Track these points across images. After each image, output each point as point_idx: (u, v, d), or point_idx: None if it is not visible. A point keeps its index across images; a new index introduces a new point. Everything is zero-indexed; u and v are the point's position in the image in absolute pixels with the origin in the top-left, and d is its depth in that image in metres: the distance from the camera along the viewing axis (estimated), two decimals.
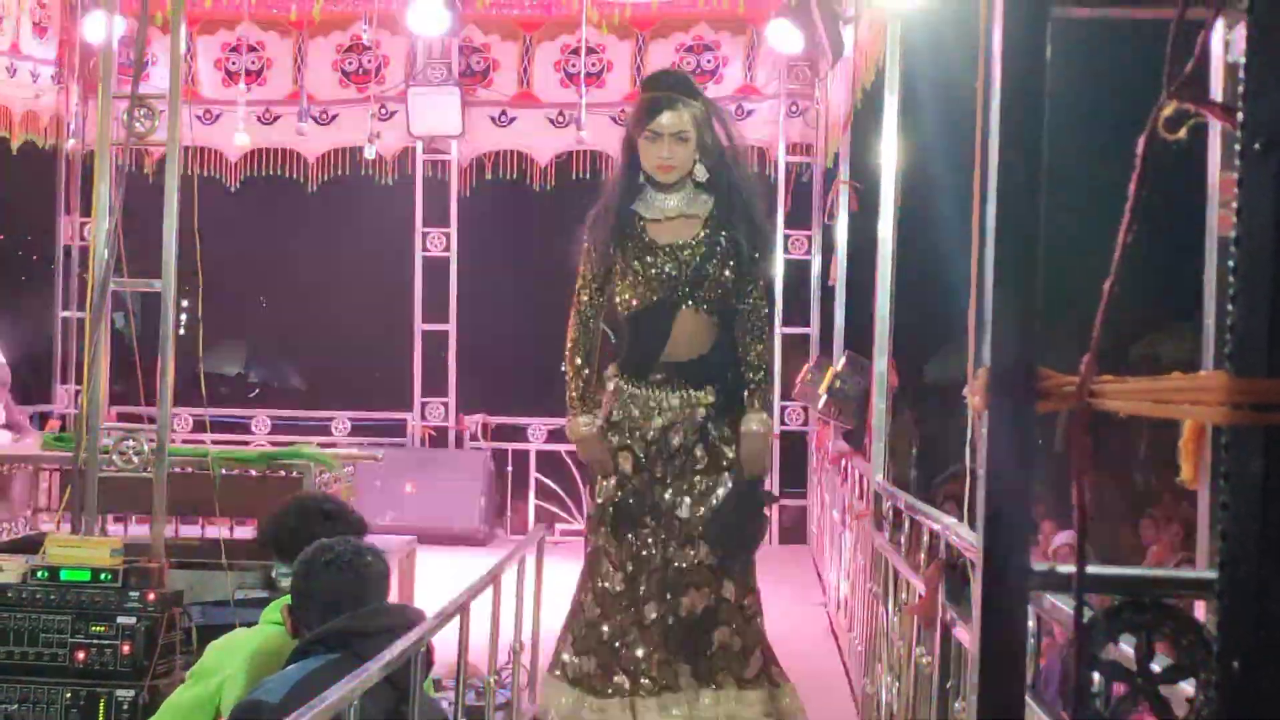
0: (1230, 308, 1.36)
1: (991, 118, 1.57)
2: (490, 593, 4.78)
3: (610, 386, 5.52)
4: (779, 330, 11.33)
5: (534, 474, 11.69)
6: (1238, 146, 1.37)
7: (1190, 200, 2.01)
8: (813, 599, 9.15)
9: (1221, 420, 1.37)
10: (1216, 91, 1.61)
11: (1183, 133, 1.46)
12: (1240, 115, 1.38)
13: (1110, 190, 1.63)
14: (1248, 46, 1.37)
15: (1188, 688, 1.52)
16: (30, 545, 5.99)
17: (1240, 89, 1.40)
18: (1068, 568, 1.52)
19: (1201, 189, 2.05)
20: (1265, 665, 1.34)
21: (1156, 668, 1.53)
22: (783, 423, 11.55)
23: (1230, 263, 1.36)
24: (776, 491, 11.68)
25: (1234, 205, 1.38)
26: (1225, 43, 1.59)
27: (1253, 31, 1.36)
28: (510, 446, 11.72)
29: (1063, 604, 1.67)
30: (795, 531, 11.64)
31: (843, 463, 8.28)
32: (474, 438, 11.98)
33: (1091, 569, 1.50)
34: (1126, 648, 1.56)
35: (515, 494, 11.75)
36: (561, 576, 5.91)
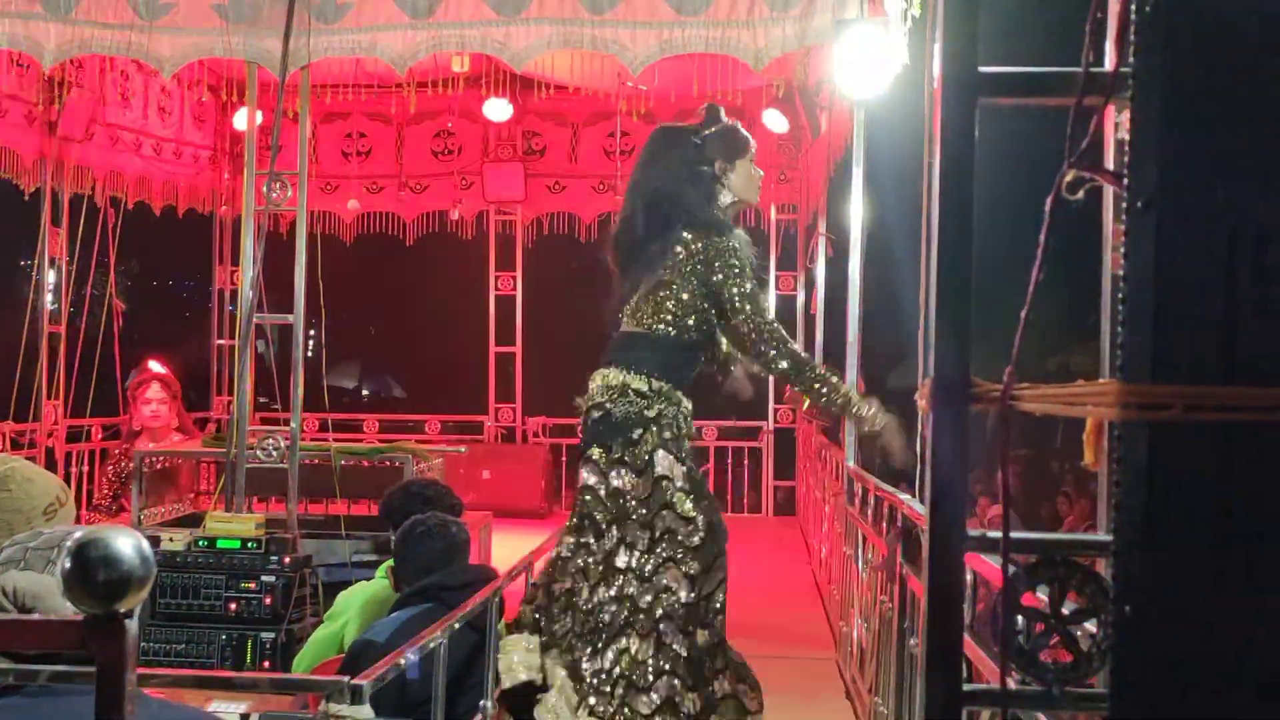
0: (1120, 330, 1.35)
1: (934, 184, 1.56)
2: (549, 555, 4.77)
3: None
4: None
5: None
6: (1125, 205, 1.37)
7: (1096, 243, 2.01)
8: (801, 560, 9.13)
9: (1115, 417, 1.36)
10: (1109, 161, 1.61)
11: (1081, 194, 1.45)
12: (1126, 180, 1.38)
13: (1029, 238, 1.63)
14: (1131, 126, 1.36)
15: (1091, 626, 1.51)
16: (194, 521, 6.02)
17: (1126, 159, 1.39)
18: (996, 534, 1.51)
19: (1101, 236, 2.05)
20: (1150, 607, 1.33)
21: (1066, 611, 1.52)
22: (776, 421, 11.55)
23: (1120, 295, 1.36)
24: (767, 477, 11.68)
25: (1123, 250, 1.38)
26: (1115, 123, 1.58)
27: (1134, 115, 1.36)
28: (564, 441, 11.72)
29: (993, 562, 1.67)
30: (787, 507, 11.61)
31: (822, 452, 8.26)
32: (535, 435, 11.98)
33: (1015, 534, 1.49)
34: (1043, 595, 1.55)
35: (568, 478, 11.74)
36: None
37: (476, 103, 10.43)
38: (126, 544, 1.21)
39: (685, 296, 4.20)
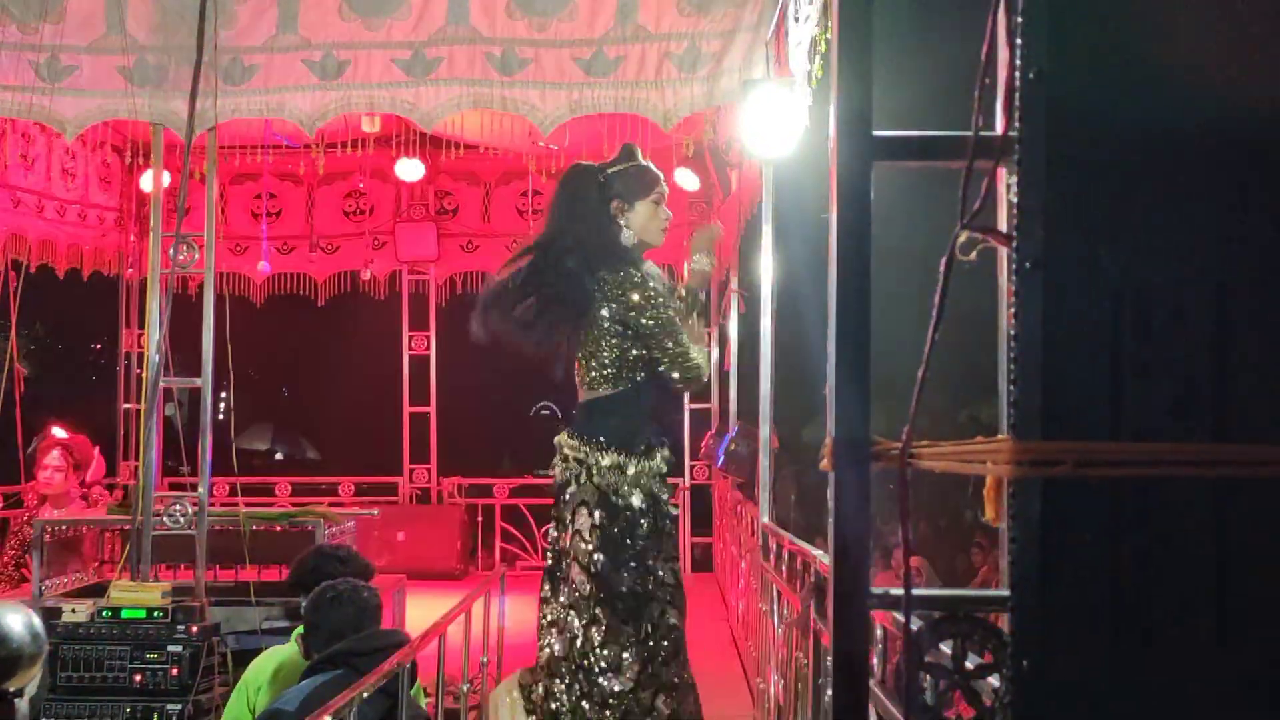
0: (1011, 388, 1.38)
1: (831, 245, 1.59)
2: (463, 618, 4.73)
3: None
4: (687, 406, 11.37)
5: (499, 523, 11.61)
6: (1014, 265, 1.40)
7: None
8: (719, 616, 9.11)
9: (1009, 474, 1.38)
10: (1002, 223, 1.64)
11: (974, 255, 1.48)
12: (1015, 241, 1.41)
13: (929, 297, 1.65)
14: (1018, 190, 1.40)
15: (994, 681, 1.52)
16: (98, 591, 5.88)
17: (1015, 221, 1.43)
18: (898, 591, 1.52)
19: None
20: (1048, 662, 1.35)
21: (970, 666, 1.53)
22: (691, 478, 11.55)
23: (1010, 353, 1.38)
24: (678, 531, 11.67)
25: (1013, 309, 1.41)
26: (1007, 185, 1.61)
27: (1021, 178, 1.39)
28: (480, 501, 11.64)
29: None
30: (704, 563, 11.60)
31: (738, 508, 8.27)
32: (451, 495, 11.88)
33: (916, 591, 1.51)
34: (947, 650, 1.57)
35: (484, 539, 11.65)
36: (520, 604, 5.85)
37: (388, 163, 10.42)
38: (16, 621, 1.19)
39: (606, 351, 4.31)
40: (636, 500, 4.33)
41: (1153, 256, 1.34)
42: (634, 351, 4.32)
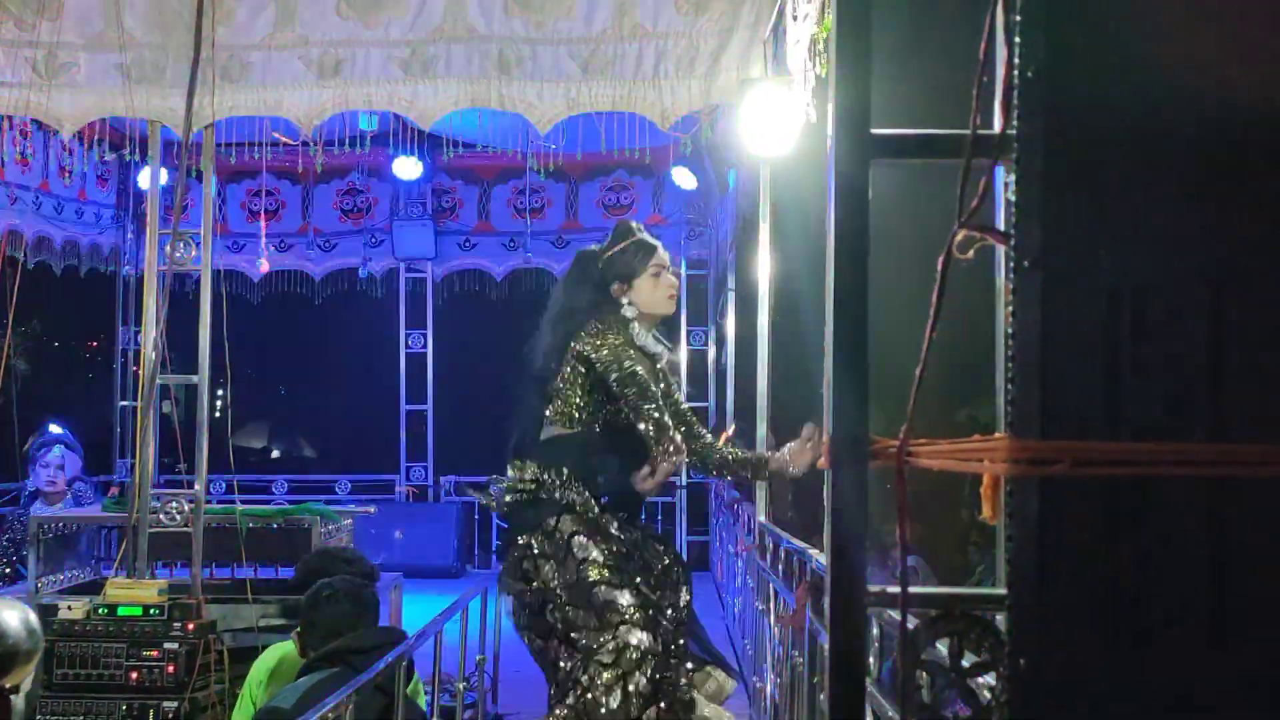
0: (1009, 386, 1.38)
1: (830, 244, 1.58)
2: (460, 616, 4.73)
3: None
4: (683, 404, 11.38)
5: (495, 521, 11.60)
6: (1011, 264, 1.40)
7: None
8: (715, 615, 9.11)
9: (1006, 473, 1.38)
10: (1000, 221, 1.64)
11: (971, 253, 1.48)
12: (1012, 240, 1.41)
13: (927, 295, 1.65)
14: (1015, 188, 1.40)
15: (990, 679, 1.52)
16: (94, 588, 5.88)
17: (1013, 220, 1.43)
18: (895, 589, 1.52)
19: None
20: (1044, 660, 1.35)
21: (966, 664, 1.53)
22: (688, 476, 11.54)
23: (1008, 352, 1.38)
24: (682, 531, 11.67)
25: (1010, 308, 1.41)
26: (1005, 184, 1.61)
27: (1019, 177, 1.39)
28: (477, 499, 11.64)
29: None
30: (701, 561, 11.60)
31: (735, 507, 8.28)
32: (448, 493, 11.88)
33: (913, 589, 1.51)
34: (943, 649, 1.57)
35: (481, 537, 11.65)
36: None
37: (386, 160, 10.42)
38: (12, 617, 1.18)
39: (577, 398, 4.34)
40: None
41: (1150, 255, 1.34)
42: (598, 396, 4.32)
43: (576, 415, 4.35)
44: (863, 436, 1.52)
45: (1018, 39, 1.40)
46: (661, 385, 4.45)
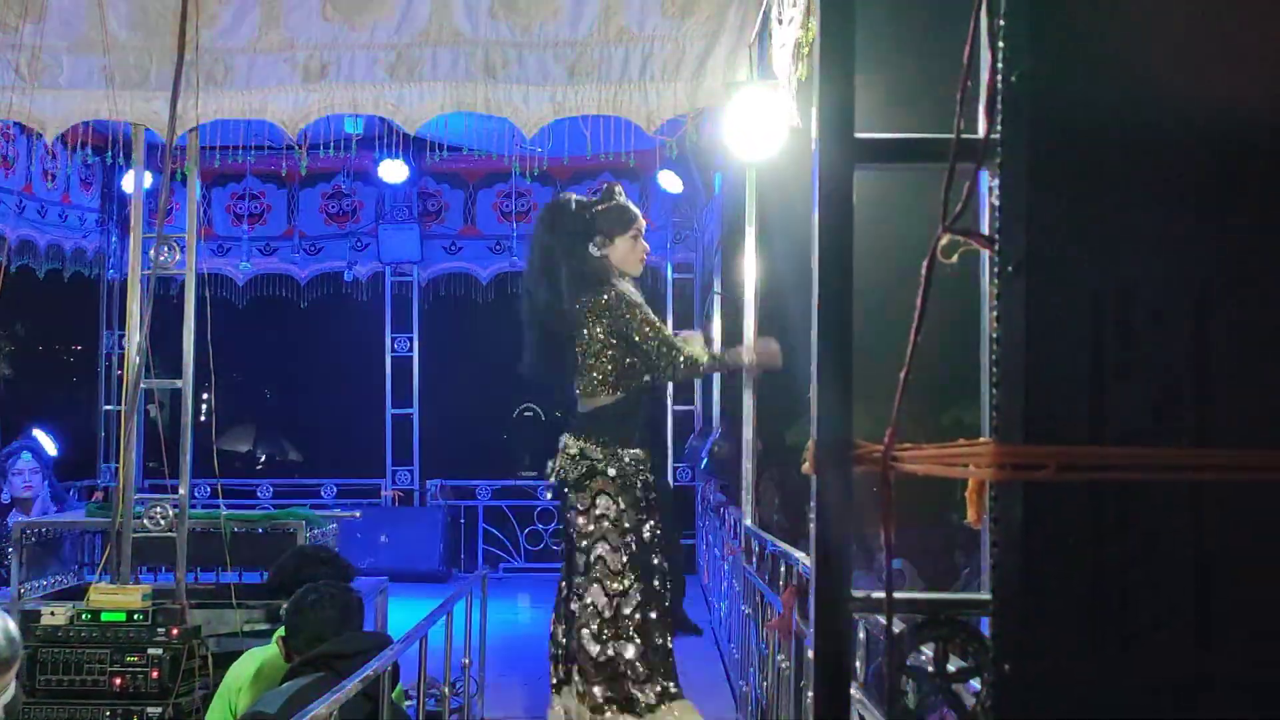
0: (994, 391, 1.38)
1: (814, 248, 1.58)
2: (445, 621, 4.72)
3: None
4: (670, 409, 11.38)
5: (481, 524, 11.59)
6: (996, 268, 1.39)
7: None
8: (702, 618, 9.10)
9: (991, 477, 1.38)
10: (984, 226, 1.64)
11: (955, 258, 1.48)
12: (997, 244, 1.41)
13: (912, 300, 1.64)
14: (999, 193, 1.40)
15: (975, 684, 1.52)
16: (77, 594, 5.85)
17: (997, 224, 1.43)
18: (880, 594, 1.52)
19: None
20: (1028, 666, 1.35)
21: (951, 669, 1.53)
22: (675, 480, 11.54)
23: (992, 356, 1.38)
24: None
25: (995, 312, 1.41)
26: (989, 188, 1.61)
27: (1003, 181, 1.39)
28: (463, 503, 11.62)
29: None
30: (687, 564, 11.58)
31: (722, 511, 8.27)
32: (434, 497, 11.85)
33: (898, 594, 1.51)
34: (929, 653, 1.56)
35: (467, 541, 11.63)
36: (502, 607, 5.84)
37: (371, 164, 10.40)
38: None
39: (606, 360, 5.09)
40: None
41: (1134, 259, 1.34)
42: (628, 360, 5.07)
43: (612, 382, 5.08)
44: (848, 441, 1.52)
45: (1001, 44, 1.40)
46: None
